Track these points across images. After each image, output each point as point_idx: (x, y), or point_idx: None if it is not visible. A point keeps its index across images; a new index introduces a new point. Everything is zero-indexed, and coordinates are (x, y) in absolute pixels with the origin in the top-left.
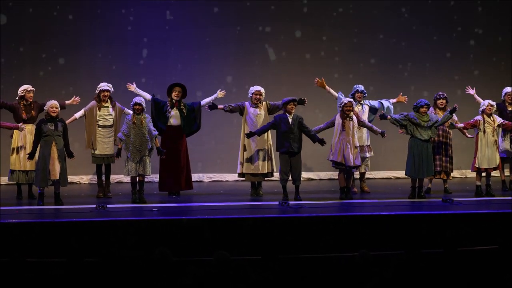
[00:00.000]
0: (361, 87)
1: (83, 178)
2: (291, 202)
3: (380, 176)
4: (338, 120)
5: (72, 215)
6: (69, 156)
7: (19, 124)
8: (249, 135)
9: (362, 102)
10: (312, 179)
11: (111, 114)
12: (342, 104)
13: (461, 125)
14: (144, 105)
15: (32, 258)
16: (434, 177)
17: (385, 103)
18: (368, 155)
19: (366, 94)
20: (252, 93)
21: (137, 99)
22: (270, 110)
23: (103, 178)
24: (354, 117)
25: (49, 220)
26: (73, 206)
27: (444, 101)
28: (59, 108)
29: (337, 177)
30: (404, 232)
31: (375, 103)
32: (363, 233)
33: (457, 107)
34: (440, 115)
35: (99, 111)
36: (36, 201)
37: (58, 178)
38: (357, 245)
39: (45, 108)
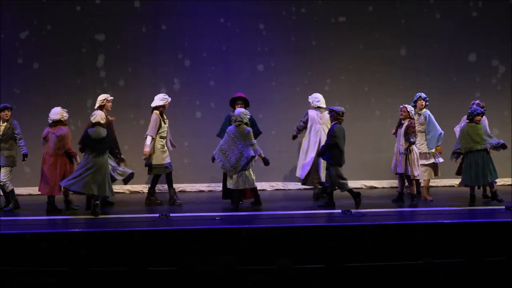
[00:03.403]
0: (423, 94)
1: (146, 188)
2: (353, 211)
3: (443, 184)
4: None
5: (136, 224)
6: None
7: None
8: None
9: (423, 111)
10: (375, 187)
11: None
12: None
13: None
14: None
15: (95, 267)
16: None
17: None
18: (439, 160)
19: (428, 102)
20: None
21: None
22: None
23: (157, 186)
24: (405, 125)
25: (112, 229)
26: (137, 215)
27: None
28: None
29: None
30: (466, 240)
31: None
32: (425, 241)
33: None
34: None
35: (165, 124)
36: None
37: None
38: (419, 253)
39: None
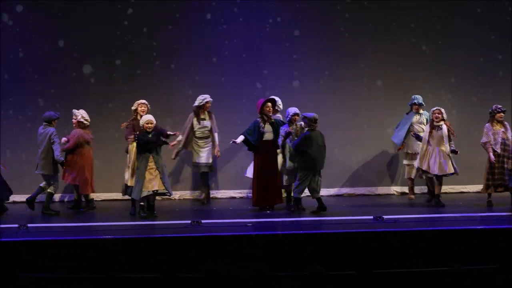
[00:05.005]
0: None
1: (177, 194)
2: (385, 217)
3: (474, 190)
4: (426, 128)
5: (167, 230)
6: None
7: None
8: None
9: (420, 112)
10: (405, 193)
11: (206, 126)
12: (431, 112)
13: None
14: None
15: (127, 274)
16: None
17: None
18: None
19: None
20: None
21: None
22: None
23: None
24: (444, 127)
25: (143, 236)
26: (168, 221)
27: (503, 114)
28: (154, 122)
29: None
30: (499, 246)
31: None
32: (456, 247)
33: None
34: (498, 128)
35: (199, 124)
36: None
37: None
38: (450, 259)
39: (140, 123)
